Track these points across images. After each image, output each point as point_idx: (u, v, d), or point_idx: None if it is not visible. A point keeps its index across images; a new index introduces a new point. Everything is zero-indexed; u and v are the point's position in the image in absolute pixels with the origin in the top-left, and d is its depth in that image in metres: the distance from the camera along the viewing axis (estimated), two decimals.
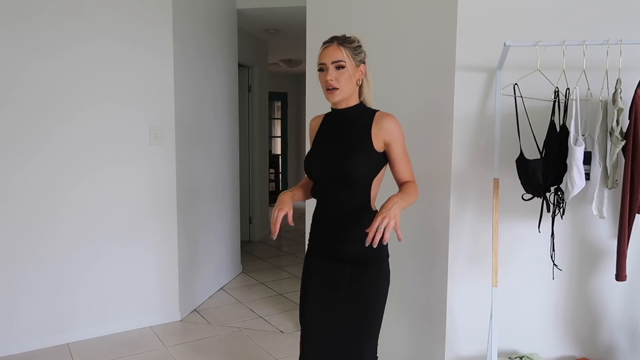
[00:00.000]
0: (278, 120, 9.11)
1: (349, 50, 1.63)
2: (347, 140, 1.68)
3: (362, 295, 1.69)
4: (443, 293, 2.26)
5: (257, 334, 3.25)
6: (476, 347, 2.27)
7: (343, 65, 1.62)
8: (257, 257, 5.20)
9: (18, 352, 2.92)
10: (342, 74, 1.63)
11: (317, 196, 1.77)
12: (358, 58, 1.66)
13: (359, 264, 1.69)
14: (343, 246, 1.71)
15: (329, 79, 1.63)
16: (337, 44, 1.64)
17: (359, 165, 1.64)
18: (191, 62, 3.55)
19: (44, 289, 2.99)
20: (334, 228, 1.72)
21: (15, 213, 2.87)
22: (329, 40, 1.67)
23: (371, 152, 1.66)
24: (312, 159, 1.74)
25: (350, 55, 1.63)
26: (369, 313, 1.69)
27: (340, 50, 1.63)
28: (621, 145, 1.83)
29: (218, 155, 4.04)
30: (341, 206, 1.70)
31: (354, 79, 1.66)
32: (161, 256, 3.36)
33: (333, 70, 1.63)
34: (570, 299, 2.23)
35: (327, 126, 1.78)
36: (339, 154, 1.67)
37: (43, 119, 2.91)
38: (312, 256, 1.80)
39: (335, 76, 1.63)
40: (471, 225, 2.22)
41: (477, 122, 2.17)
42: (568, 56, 1.92)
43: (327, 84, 1.64)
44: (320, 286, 1.75)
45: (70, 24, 2.94)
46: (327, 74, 1.63)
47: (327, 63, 1.64)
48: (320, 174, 1.71)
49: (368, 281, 1.69)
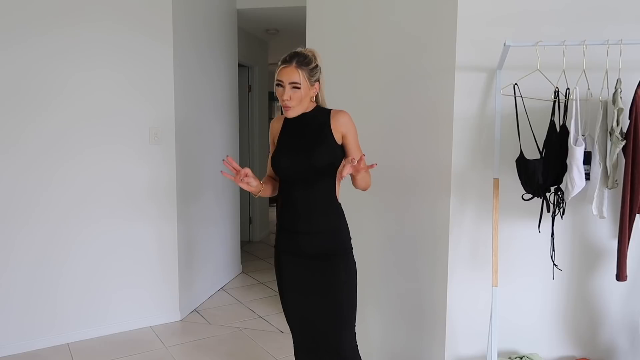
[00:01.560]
0: None
1: (305, 72, 1.75)
2: (310, 136, 1.82)
3: (335, 285, 1.82)
4: (443, 293, 2.26)
5: (257, 334, 3.25)
6: (476, 347, 2.27)
7: (298, 87, 1.74)
8: (257, 257, 5.20)
9: (18, 352, 2.93)
10: (296, 93, 1.75)
11: (283, 192, 1.88)
12: (313, 78, 1.79)
13: (327, 256, 1.82)
14: (310, 239, 1.82)
15: (284, 98, 1.75)
16: (295, 66, 1.74)
17: (324, 155, 1.78)
18: (191, 61, 3.55)
19: (44, 288, 2.99)
20: (302, 221, 1.83)
21: (15, 211, 2.87)
22: (288, 59, 1.76)
23: (333, 144, 1.80)
24: (279, 156, 1.86)
25: (306, 77, 1.75)
26: (344, 301, 1.82)
27: (297, 72, 1.73)
28: (621, 145, 1.83)
29: (218, 155, 4.04)
30: (308, 199, 1.82)
31: (308, 97, 1.80)
32: (161, 256, 3.36)
33: (289, 89, 1.75)
34: (570, 299, 2.23)
35: (289, 127, 1.89)
36: (305, 148, 1.80)
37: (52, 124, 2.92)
38: (281, 253, 1.91)
39: (291, 95, 1.75)
40: (471, 225, 2.22)
41: (477, 122, 2.17)
42: (568, 56, 1.92)
43: (283, 102, 1.77)
44: (293, 283, 1.88)
45: (70, 22, 2.94)
46: (284, 92, 1.75)
47: (284, 82, 1.75)
48: (287, 168, 1.82)
49: (338, 271, 1.82)
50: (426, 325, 2.38)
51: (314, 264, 1.82)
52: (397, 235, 2.49)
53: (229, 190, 4.32)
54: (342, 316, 1.82)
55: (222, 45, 4.09)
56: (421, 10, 2.32)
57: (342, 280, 1.82)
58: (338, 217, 1.86)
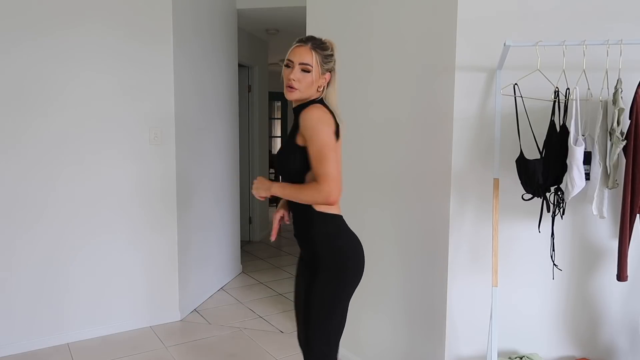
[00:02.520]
0: (278, 120, 9.11)
1: (319, 56, 1.64)
2: (288, 135, 1.73)
3: (307, 291, 1.76)
4: (443, 293, 2.26)
5: (257, 334, 3.25)
6: (476, 347, 2.27)
7: (309, 70, 1.63)
8: (257, 257, 5.20)
9: (18, 352, 2.93)
10: (305, 77, 1.64)
11: None
12: (326, 66, 1.66)
13: (309, 265, 1.77)
14: (299, 241, 1.82)
15: (291, 77, 1.63)
16: (311, 47, 1.64)
17: (286, 161, 1.69)
18: (191, 62, 3.55)
19: (44, 288, 2.99)
20: (293, 221, 1.82)
21: (15, 211, 2.87)
22: (304, 39, 1.67)
23: (294, 148, 1.66)
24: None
25: (319, 62, 1.64)
26: (310, 309, 1.74)
27: (311, 53, 1.63)
28: (622, 145, 1.83)
29: (218, 155, 4.04)
30: (291, 205, 1.78)
31: (316, 85, 1.66)
32: (161, 256, 3.36)
33: (298, 70, 1.64)
34: (570, 299, 2.23)
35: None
36: (279, 151, 1.77)
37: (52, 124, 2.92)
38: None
39: (299, 77, 1.64)
40: (471, 225, 2.22)
41: (477, 122, 2.17)
42: (568, 56, 1.92)
43: (288, 82, 1.65)
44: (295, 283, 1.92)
45: (70, 23, 2.94)
46: (292, 72, 1.64)
47: (294, 62, 1.64)
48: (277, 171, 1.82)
49: (312, 282, 1.73)
50: (426, 325, 2.38)
51: (303, 267, 1.85)
52: (397, 235, 2.49)
53: (229, 191, 4.32)
54: (307, 322, 1.77)
55: (222, 45, 4.09)
56: (421, 10, 2.32)
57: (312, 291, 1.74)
58: (313, 227, 1.71)
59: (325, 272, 1.71)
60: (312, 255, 1.74)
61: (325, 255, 1.71)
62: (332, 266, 1.71)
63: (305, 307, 1.77)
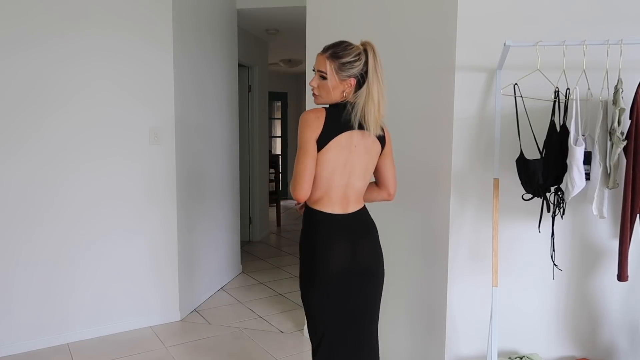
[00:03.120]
0: (278, 120, 9.11)
1: (334, 64, 1.69)
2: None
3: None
4: (443, 293, 2.26)
5: (257, 334, 3.25)
6: (476, 347, 2.27)
7: (325, 77, 1.71)
8: (257, 257, 5.20)
9: (18, 352, 2.93)
10: (323, 84, 1.72)
11: None
12: (345, 73, 1.69)
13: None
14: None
15: (312, 84, 1.75)
16: (326, 56, 1.71)
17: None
18: (191, 62, 3.55)
19: (44, 288, 2.99)
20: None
21: (15, 212, 2.87)
22: (325, 48, 1.74)
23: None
24: None
25: (335, 70, 1.68)
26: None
27: (325, 62, 1.70)
28: (622, 145, 1.83)
29: (218, 155, 4.04)
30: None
31: (338, 91, 1.71)
32: (161, 256, 3.36)
33: (317, 78, 1.74)
34: (570, 299, 2.23)
35: None
36: None
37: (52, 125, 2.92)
38: None
39: (318, 84, 1.74)
40: (471, 225, 2.22)
41: (477, 122, 2.17)
42: (568, 56, 1.92)
43: (312, 88, 1.76)
44: None
45: (70, 23, 2.94)
46: (313, 79, 1.75)
47: (315, 69, 1.75)
48: None
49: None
50: (426, 325, 2.38)
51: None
52: (397, 235, 2.49)
53: (229, 191, 4.32)
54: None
55: (222, 45, 4.09)
56: (421, 10, 2.32)
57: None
58: (304, 221, 1.82)
59: (300, 263, 1.82)
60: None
61: (300, 245, 1.83)
62: (301, 258, 1.81)
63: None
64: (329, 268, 1.74)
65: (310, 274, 1.76)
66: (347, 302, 1.79)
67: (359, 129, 1.72)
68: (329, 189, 1.73)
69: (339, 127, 1.69)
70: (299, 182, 1.68)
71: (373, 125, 1.71)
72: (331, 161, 1.70)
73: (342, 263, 1.75)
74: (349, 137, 1.71)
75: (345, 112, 1.71)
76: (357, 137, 1.72)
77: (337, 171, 1.72)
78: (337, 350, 1.81)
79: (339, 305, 1.78)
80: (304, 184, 1.68)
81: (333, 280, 1.75)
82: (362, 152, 1.74)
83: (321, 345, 1.80)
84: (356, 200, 1.80)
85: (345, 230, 1.77)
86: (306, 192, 1.69)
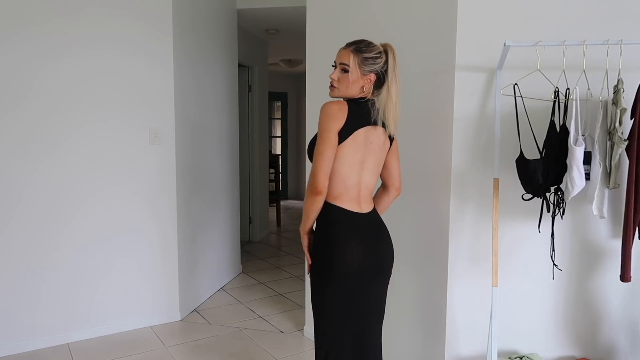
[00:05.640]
0: (278, 120, 9.11)
1: (358, 58, 1.72)
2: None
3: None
4: (443, 293, 2.26)
5: (257, 334, 3.25)
6: (476, 347, 2.27)
7: (347, 70, 1.73)
8: (257, 257, 5.20)
9: (18, 352, 2.92)
10: (344, 77, 1.74)
11: None
12: (367, 68, 1.72)
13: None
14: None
15: (332, 77, 1.77)
16: (350, 50, 1.74)
17: (310, 147, 1.80)
18: (191, 62, 3.55)
19: (43, 289, 2.99)
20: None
21: (17, 216, 2.87)
22: (349, 43, 1.77)
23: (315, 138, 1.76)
24: None
25: (358, 63, 1.72)
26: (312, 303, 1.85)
27: (349, 55, 1.73)
28: (624, 145, 1.83)
29: (218, 155, 4.04)
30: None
31: (357, 85, 1.74)
32: (161, 256, 3.36)
33: (338, 70, 1.76)
34: (570, 299, 2.23)
35: None
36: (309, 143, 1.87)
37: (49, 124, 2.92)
38: None
39: (338, 77, 1.75)
40: (471, 225, 2.22)
41: (477, 122, 2.17)
42: (568, 56, 1.92)
43: (331, 81, 1.78)
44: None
45: (70, 24, 2.94)
46: (333, 72, 1.77)
47: (337, 62, 1.77)
48: None
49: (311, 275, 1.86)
50: (426, 325, 2.38)
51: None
52: (397, 235, 2.48)
53: (229, 191, 4.32)
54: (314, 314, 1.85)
55: (222, 45, 4.09)
56: (421, 10, 2.32)
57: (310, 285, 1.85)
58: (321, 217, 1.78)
59: (314, 260, 1.80)
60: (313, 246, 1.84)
61: (315, 241, 1.81)
62: (317, 254, 1.79)
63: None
64: (348, 266, 1.74)
65: (328, 271, 1.75)
66: (361, 301, 1.80)
67: (373, 125, 1.75)
68: (346, 186, 1.74)
69: (358, 122, 1.72)
70: (319, 171, 1.67)
71: (393, 124, 1.77)
72: (350, 155, 1.72)
73: (361, 261, 1.75)
74: (366, 133, 1.73)
75: (365, 109, 1.73)
76: (373, 134, 1.75)
77: (354, 167, 1.74)
78: (347, 350, 1.81)
79: (353, 303, 1.78)
80: (323, 174, 1.67)
81: (351, 278, 1.75)
82: (376, 148, 1.78)
83: (332, 349, 1.79)
84: (369, 200, 1.83)
85: (364, 229, 1.79)
86: (325, 182, 1.68)
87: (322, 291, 1.78)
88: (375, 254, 1.80)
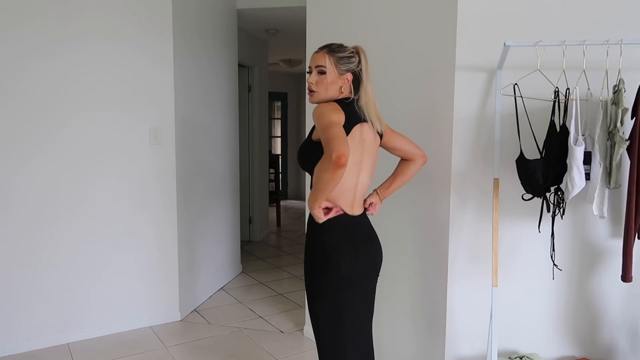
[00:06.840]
0: (278, 120, 9.11)
1: (333, 58, 1.72)
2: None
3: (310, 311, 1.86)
4: (443, 293, 2.26)
5: (257, 334, 3.25)
6: (476, 347, 2.27)
7: (324, 71, 1.72)
8: (257, 257, 5.20)
9: (18, 352, 2.93)
10: (322, 79, 1.72)
11: None
12: (343, 67, 1.72)
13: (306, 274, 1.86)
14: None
15: (310, 81, 1.75)
16: (325, 52, 1.73)
17: (305, 156, 1.76)
18: (192, 62, 3.55)
19: (43, 289, 2.99)
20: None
21: (15, 215, 2.87)
22: (321, 47, 1.77)
23: (310, 142, 1.74)
24: None
25: (334, 63, 1.71)
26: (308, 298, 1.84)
27: (324, 57, 1.73)
28: (625, 145, 1.83)
29: (218, 155, 4.04)
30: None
31: (336, 86, 1.73)
32: (161, 256, 3.36)
33: (315, 74, 1.74)
34: (570, 299, 2.23)
35: None
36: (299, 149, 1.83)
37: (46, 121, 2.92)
38: None
39: (316, 80, 1.74)
40: (471, 225, 2.22)
41: (477, 122, 2.17)
42: (568, 56, 1.92)
43: (308, 85, 1.76)
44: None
45: (70, 24, 2.94)
46: (310, 76, 1.75)
47: (312, 66, 1.76)
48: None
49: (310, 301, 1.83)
50: (426, 325, 2.38)
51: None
52: (397, 235, 2.49)
53: (229, 191, 4.32)
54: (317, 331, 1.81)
55: (222, 45, 4.09)
56: (421, 10, 2.32)
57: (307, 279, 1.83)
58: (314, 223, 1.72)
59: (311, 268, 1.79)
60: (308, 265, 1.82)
61: (311, 248, 1.79)
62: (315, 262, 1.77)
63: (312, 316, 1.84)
64: (355, 270, 1.72)
65: (333, 277, 1.70)
66: (365, 304, 1.80)
67: (364, 122, 1.74)
68: (343, 189, 1.71)
69: (353, 119, 1.69)
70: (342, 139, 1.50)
71: (377, 121, 1.77)
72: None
73: (360, 266, 1.73)
74: (361, 130, 1.72)
75: (352, 107, 1.72)
76: (365, 131, 1.74)
77: (353, 169, 1.70)
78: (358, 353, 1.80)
79: (359, 307, 1.77)
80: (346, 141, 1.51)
81: (355, 284, 1.73)
82: (369, 146, 1.77)
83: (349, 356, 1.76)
84: (361, 204, 1.82)
85: (363, 232, 1.79)
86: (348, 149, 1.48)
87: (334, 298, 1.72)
88: (371, 258, 1.79)
